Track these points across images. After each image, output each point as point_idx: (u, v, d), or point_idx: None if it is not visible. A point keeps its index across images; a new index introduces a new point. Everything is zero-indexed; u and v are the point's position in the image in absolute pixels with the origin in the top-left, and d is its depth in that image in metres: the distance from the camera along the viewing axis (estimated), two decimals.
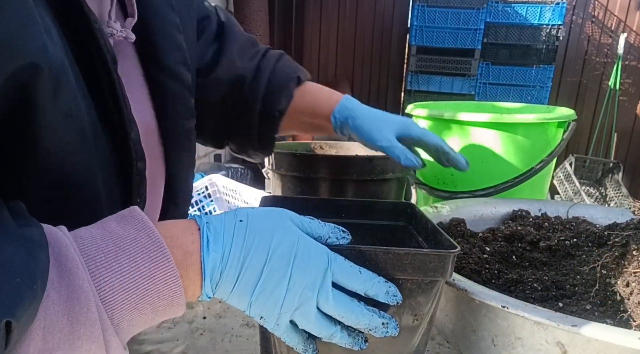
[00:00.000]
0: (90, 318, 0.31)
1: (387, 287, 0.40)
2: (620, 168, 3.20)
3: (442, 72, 3.74)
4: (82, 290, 0.31)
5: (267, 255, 0.37)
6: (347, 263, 0.40)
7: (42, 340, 0.29)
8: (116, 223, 0.35)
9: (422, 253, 0.42)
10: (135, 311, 0.33)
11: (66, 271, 0.31)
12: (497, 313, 0.48)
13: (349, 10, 4.14)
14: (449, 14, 3.60)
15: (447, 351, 0.64)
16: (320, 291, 0.38)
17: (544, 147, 1.16)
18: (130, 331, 0.35)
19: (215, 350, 0.65)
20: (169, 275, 0.34)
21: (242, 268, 0.37)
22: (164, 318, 0.36)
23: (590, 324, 0.42)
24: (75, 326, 0.30)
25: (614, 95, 3.37)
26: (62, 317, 0.30)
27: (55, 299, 0.30)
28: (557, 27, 3.47)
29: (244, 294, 0.38)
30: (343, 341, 0.40)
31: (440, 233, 0.48)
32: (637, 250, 0.54)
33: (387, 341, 0.45)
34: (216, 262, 0.36)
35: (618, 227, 0.63)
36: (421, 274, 0.42)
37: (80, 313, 0.30)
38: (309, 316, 0.38)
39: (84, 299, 0.30)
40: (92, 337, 0.31)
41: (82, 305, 0.30)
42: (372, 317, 0.40)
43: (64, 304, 0.30)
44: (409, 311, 0.44)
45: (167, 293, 0.34)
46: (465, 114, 1.17)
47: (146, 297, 0.33)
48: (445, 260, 0.42)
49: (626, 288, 0.51)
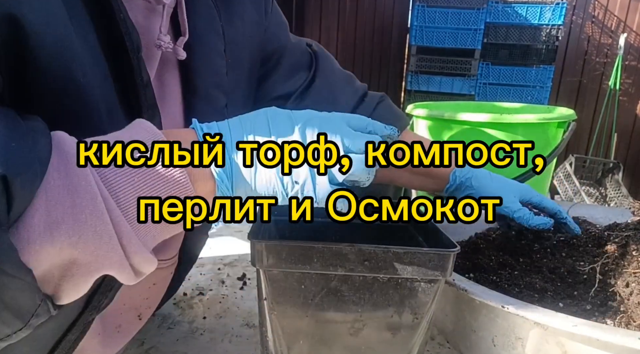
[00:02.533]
0: (89, 192, 0.31)
1: (390, 129, 0.45)
2: (620, 168, 3.20)
3: (442, 72, 3.74)
4: (79, 167, 0.32)
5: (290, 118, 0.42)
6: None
7: (45, 212, 0.30)
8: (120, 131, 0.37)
9: (422, 252, 0.42)
10: (141, 193, 0.34)
11: (64, 153, 0.32)
12: (498, 313, 0.48)
13: (349, 10, 4.14)
14: (449, 14, 3.60)
15: (447, 351, 0.64)
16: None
17: (544, 147, 1.16)
18: (144, 227, 0.35)
19: (215, 350, 0.65)
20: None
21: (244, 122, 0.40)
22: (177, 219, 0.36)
23: (590, 324, 0.42)
24: (76, 199, 0.31)
25: (614, 95, 3.37)
26: (63, 191, 0.31)
27: (55, 177, 0.31)
28: (557, 27, 3.47)
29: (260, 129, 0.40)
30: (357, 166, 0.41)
31: (440, 233, 0.48)
32: (636, 251, 0.54)
33: (387, 341, 0.45)
34: (212, 125, 0.40)
35: (618, 228, 0.63)
36: (421, 273, 0.42)
37: (80, 186, 0.31)
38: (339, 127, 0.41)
39: (81, 174, 0.32)
40: (95, 211, 0.32)
41: (81, 179, 0.31)
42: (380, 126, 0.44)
43: (64, 180, 0.31)
44: (409, 310, 0.44)
45: (170, 177, 0.35)
46: (465, 114, 1.17)
47: (147, 180, 0.34)
48: (445, 258, 0.42)
49: (626, 289, 0.51)
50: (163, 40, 0.46)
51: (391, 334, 0.45)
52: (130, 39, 0.40)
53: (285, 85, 0.67)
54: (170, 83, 0.52)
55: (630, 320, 0.48)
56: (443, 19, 3.62)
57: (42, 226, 0.30)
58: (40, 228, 0.30)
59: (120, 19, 0.39)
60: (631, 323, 0.48)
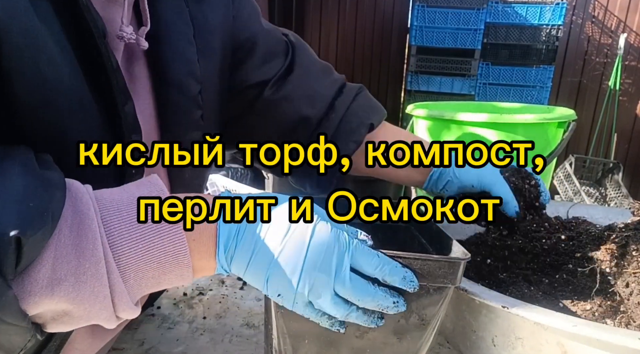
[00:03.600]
0: (95, 255, 0.33)
1: (404, 272, 0.40)
2: (620, 168, 3.20)
3: (442, 72, 3.74)
4: (91, 229, 0.33)
5: (285, 231, 0.38)
6: (365, 248, 0.40)
7: (51, 268, 0.32)
8: (135, 187, 0.38)
9: (433, 259, 0.41)
10: (142, 262, 0.35)
11: (78, 212, 0.34)
12: (498, 313, 0.48)
13: (349, 10, 4.14)
14: (449, 14, 3.60)
15: (447, 351, 0.64)
16: (337, 274, 0.38)
17: (544, 147, 1.16)
18: (138, 285, 0.36)
19: (215, 350, 0.65)
20: (174, 230, 0.36)
21: (257, 242, 0.38)
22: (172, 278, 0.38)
23: (590, 324, 0.42)
24: (81, 261, 0.33)
25: (614, 95, 3.37)
26: (71, 250, 0.32)
27: (66, 234, 0.33)
28: (557, 27, 3.47)
29: (260, 269, 0.38)
30: (359, 319, 0.41)
31: (446, 237, 0.48)
32: (636, 251, 0.54)
33: (393, 345, 0.45)
34: (231, 232, 0.38)
35: (618, 228, 0.63)
36: (430, 280, 0.41)
37: (87, 249, 0.33)
38: (325, 298, 0.39)
39: (91, 237, 0.33)
40: (97, 275, 0.33)
41: (89, 242, 0.33)
42: (385, 298, 0.40)
43: (74, 240, 0.33)
44: (415, 315, 0.44)
45: (171, 249, 0.36)
46: (465, 114, 1.17)
47: (151, 250, 0.35)
48: (456, 266, 0.41)
49: (626, 289, 0.51)
50: (125, 31, 0.45)
51: (397, 338, 0.45)
52: (96, 24, 0.39)
53: (260, 73, 0.66)
54: (139, 74, 0.51)
55: (630, 320, 0.48)
56: (443, 19, 3.62)
57: (46, 281, 0.32)
58: (43, 282, 0.31)
59: (83, 4, 0.38)
60: (631, 323, 0.48)
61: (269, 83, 0.66)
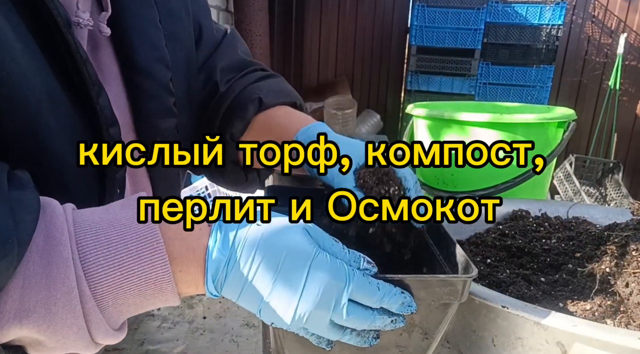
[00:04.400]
0: (66, 285, 0.31)
1: (403, 298, 0.39)
2: (620, 168, 3.20)
3: (442, 72, 3.74)
4: (62, 257, 0.31)
5: (277, 269, 0.36)
6: (365, 280, 0.38)
7: (19, 299, 0.30)
8: (120, 207, 0.36)
9: (438, 279, 0.40)
10: (120, 290, 0.33)
11: (50, 237, 0.31)
12: (498, 313, 0.48)
13: (349, 10, 4.13)
14: (449, 14, 3.60)
15: (447, 351, 0.64)
16: (335, 310, 0.37)
17: (544, 147, 1.16)
18: (117, 311, 0.34)
19: (215, 350, 0.64)
20: (156, 257, 0.33)
21: (247, 277, 0.36)
22: (155, 303, 0.36)
23: (590, 324, 0.42)
24: (52, 292, 0.30)
25: (614, 95, 3.37)
26: (40, 279, 0.30)
27: (37, 262, 0.30)
28: (557, 27, 3.47)
29: (253, 302, 0.37)
30: (352, 341, 0.40)
31: (450, 241, 0.47)
32: (636, 251, 0.54)
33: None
34: (220, 265, 0.36)
35: (618, 228, 0.63)
36: (435, 297, 0.41)
37: (58, 277, 0.30)
38: (321, 328, 0.38)
39: (62, 265, 0.31)
40: (69, 306, 0.31)
41: (60, 271, 0.30)
42: (382, 319, 0.39)
43: (44, 268, 0.30)
44: (419, 329, 0.43)
45: (153, 277, 0.34)
46: (465, 114, 1.17)
47: (131, 277, 0.33)
48: (461, 284, 0.41)
49: (626, 289, 0.51)
50: (81, 17, 0.42)
51: (399, 351, 0.44)
52: (59, 13, 0.37)
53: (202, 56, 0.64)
54: (107, 62, 0.48)
55: (630, 320, 0.48)
56: (443, 19, 3.62)
57: (13, 312, 0.30)
58: (10, 314, 0.29)
59: None
60: (631, 323, 0.48)
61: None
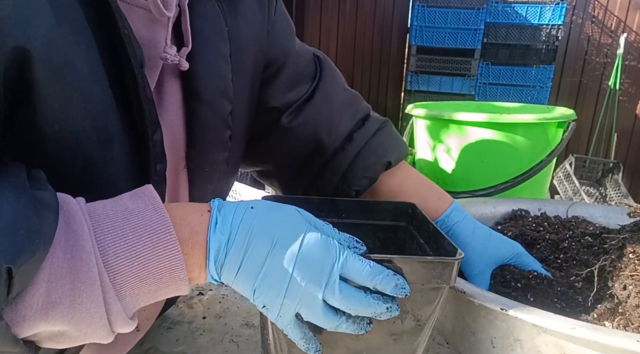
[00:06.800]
0: (90, 277, 0.32)
1: (396, 280, 0.40)
2: (620, 168, 3.20)
3: (442, 72, 3.74)
4: (85, 250, 0.32)
5: (272, 242, 0.38)
6: (356, 257, 0.39)
7: (45, 293, 0.31)
8: (129, 198, 0.37)
9: (427, 261, 0.41)
10: (137, 279, 0.35)
11: (72, 232, 0.33)
12: (496, 315, 0.49)
13: (349, 10, 4.14)
14: (449, 14, 3.60)
15: (446, 351, 0.64)
16: (327, 286, 0.38)
17: (544, 147, 1.16)
18: (134, 301, 0.36)
19: (215, 350, 0.65)
20: (170, 247, 0.36)
21: (245, 253, 0.38)
22: (168, 292, 0.37)
23: (588, 326, 0.42)
24: (76, 284, 0.32)
25: (614, 95, 3.37)
26: (65, 273, 0.32)
27: (60, 257, 0.32)
28: (557, 27, 3.47)
29: (248, 280, 0.38)
30: (349, 329, 0.41)
31: (441, 236, 0.48)
32: (633, 253, 0.54)
33: (389, 345, 0.45)
34: (221, 244, 0.38)
35: (614, 230, 0.63)
36: (425, 280, 0.42)
37: (82, 271, 0.32)
38: (314, 309, 0.39)
39: (85, 258, 0.32)
40: (92, 296, 0.33)
41: (84, 264, 0.32)
42: (377, 305, 0.40)
43: (68, 262, 0.32)
44: (411, 316, 0.44)
45: (167, 265, 0.36)
46: (464, 114, 1.17)
47: (148, 266, 0.35)
48: (450, 266, 0.42)
49: (623, 291, 0.52)
50: (169, 53, 0.45)
51: (393, 339, 0.45)
52: (135, 55, 0.39)
53: (285, 97, 0.64)
54: (170, 90, 0.49)
55: (629, 322, 0.49)
56: (443, 19, 3.62)
57: (40, 305, 0.31)
58: (37, 306, 0.31)
59: (125, 34, 0.38)
60: (629, 325, 0.48)
61: (290, 108, 0.64)
